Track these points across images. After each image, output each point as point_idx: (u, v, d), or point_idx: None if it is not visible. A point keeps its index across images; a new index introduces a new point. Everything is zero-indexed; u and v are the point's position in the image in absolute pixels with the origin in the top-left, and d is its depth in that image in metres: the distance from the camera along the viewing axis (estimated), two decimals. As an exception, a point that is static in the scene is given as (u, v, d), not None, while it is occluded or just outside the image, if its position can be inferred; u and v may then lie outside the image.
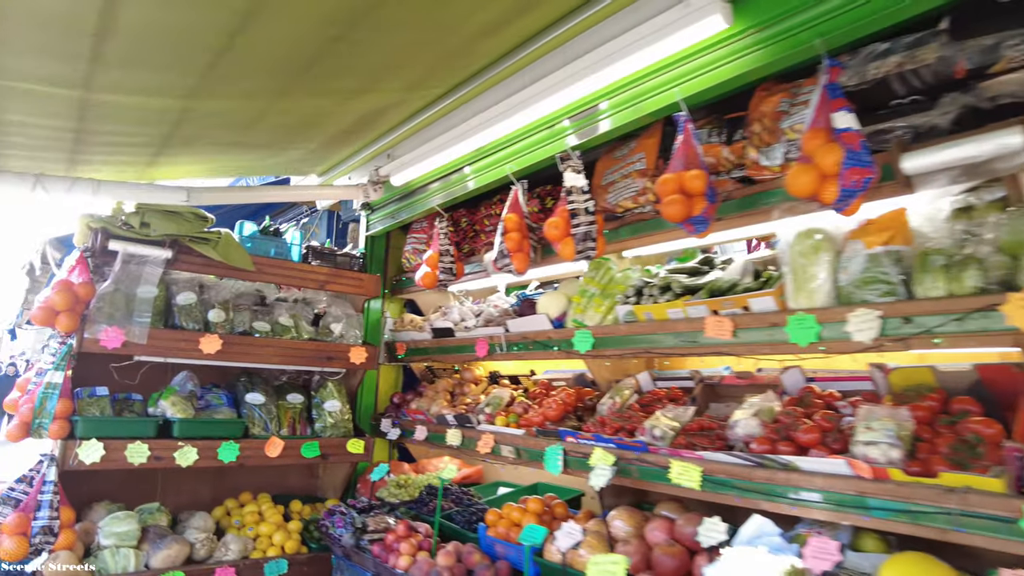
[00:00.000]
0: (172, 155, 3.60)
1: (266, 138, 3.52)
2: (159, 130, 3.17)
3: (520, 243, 3.37)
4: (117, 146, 3.31)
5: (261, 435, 3.97)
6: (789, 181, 2.22)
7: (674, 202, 2.53)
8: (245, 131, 3.30)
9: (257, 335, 4.06)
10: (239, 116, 3.10)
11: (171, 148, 3.45)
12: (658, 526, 2.78)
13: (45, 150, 3.21)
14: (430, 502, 3.99)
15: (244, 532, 3.89)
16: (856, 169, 2.09)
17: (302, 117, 3.34)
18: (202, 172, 4.06)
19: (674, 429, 2.86)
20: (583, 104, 3.14)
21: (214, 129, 3.22)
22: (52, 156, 3.32)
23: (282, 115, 3.22)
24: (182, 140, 3.29)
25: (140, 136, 3.22)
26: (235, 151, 3.69)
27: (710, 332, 2.70)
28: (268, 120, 3.29)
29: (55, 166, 3.48)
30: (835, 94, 2.18)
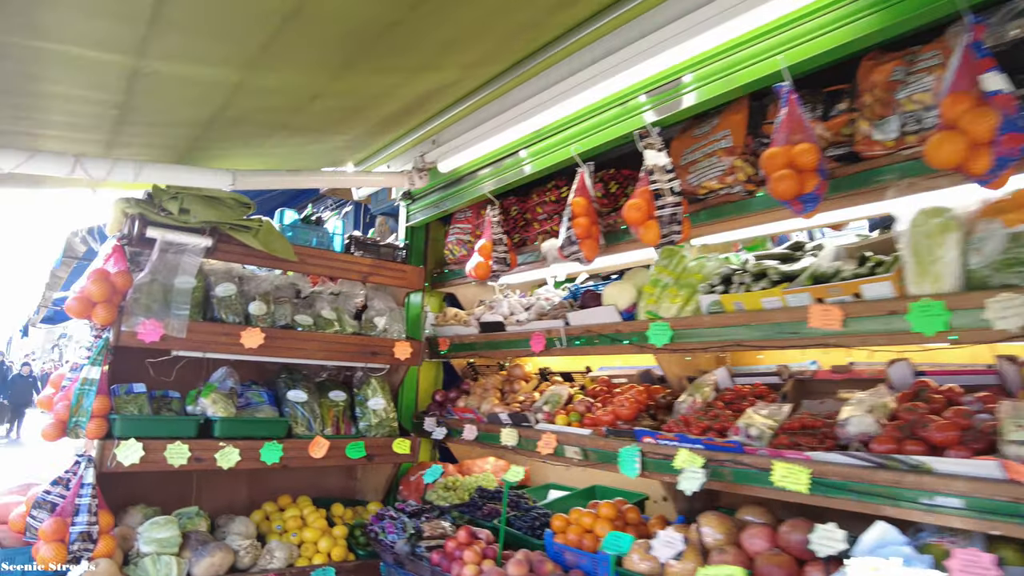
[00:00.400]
0: (212, 140, 3.37)
1: (315, 122, 3.30)
2: (205, 110, 2.95)
3: (589, 229, 3.15)
4: (158, 127, 3.08)
5: (305, 435, 3.75)
6: (930, 152, 1.99)
7: (785, 178, 2.31)
8: (295, 113, 3.08)
9: (300, 329, 3.84)
10: (293, 94, 2.88)
11: (213, 132, 3.23)
12: (757, 533, 2.56)
13: (85, 130, 2.98)
14: (483, 506, 3.77)
15: (287, 538, 3.67)
16: (1014, 135, 1.88)
17: (356, 99, 3.12)
18: (239, 160, 3.83)
19: (771, 428, 2.64)
20: (663, 77, 2.92)
21: (263, 112, 3.00)
22: (91, 138, 3.10)
23: (336, 96, 3.00)
24: (227, 122, 3.06)
25: (184, 115, 2.99)
26: (279, 136, 3.46)
27: (815, 322, 2.47)
28: (321, 102, 3.07)
29: (93, 148, 3.25)
30: (982, 54, 1.96)
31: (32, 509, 3.02)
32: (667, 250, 3.37)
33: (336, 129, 3.52)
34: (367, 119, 3.46)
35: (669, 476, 2.85)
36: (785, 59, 2.44)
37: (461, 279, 4.52)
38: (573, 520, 3.19)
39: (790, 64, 2.44)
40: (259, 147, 3.57)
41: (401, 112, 3.59)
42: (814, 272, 2.60)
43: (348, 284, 4.44)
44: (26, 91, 2.56)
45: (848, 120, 2.58)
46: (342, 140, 3.81)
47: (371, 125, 3.62)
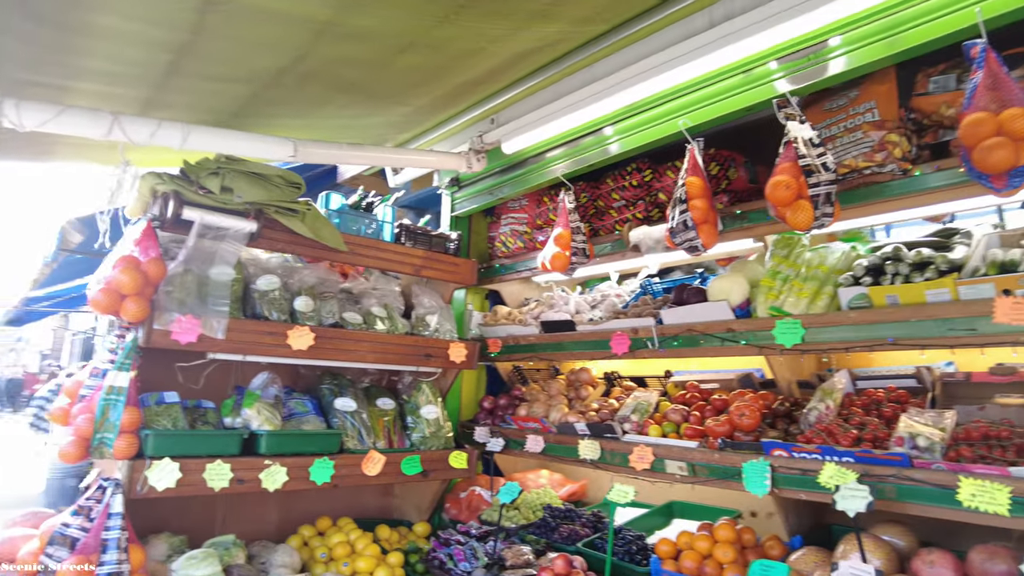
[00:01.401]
0: (264, 104, 2.91)
1: (389, 84, 2.88)
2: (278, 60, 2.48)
3: (707, 213, 2.77)
4: (213, 81, 2.59)
5: (357, 449, 3.27)
6: None
7: (998, 147, 1.97)
8: (375, 69, 2.65)
9: (350, 328, 3.36)
10: (385, 42, 2.45)
11: (272, 92, 2.76)
12: (937, 560, 2.22)
13: (126, 83, 2.48)
14: (558, 526, 3.35)
15: (338, 568, 3.18)
16: None
17: (445, 56, 2.72)
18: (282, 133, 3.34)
19: (941, 438, 2.31)
20: (803, 41, 2.57)
21: (341, 65, 2.55)
22: (130, 94, 2.60)
23: (427, 50, 2.59)
24: (295, 78, 2.61)
25: (251, 65, 2.50)
26: (338, 103, 3.02)
27: (1002, 317, 2.15)
28: (409, 56, 2.66)
29: (129, 107, 2.73)
30: None
31: (48, 545, 2.48)
32: (783, 239, 3.04)
33: (403, 98, 3.09)
34: (441, 86, 3.06)
35: (807, 493, 2.51)
36: (983, 11, 2.11)
37: (513, 274, 4.11)
38: (684, 544, 2.81)
39: (986, 18, 2.12)
40: (309, 117, 3.11)
41: (475, 82, 3.18)
42: (997, 260, 2.28)
43: (383, 279, 3.97)
44: (67, 23, 2.04)
45: (1032, 88, 2.28)
46: (400, 114, 3.38)
47: (440, 95, 3.22)
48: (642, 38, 2.97)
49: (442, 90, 3.18)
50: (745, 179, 3.29)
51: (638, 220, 3.42)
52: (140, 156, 2.96)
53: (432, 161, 3.66)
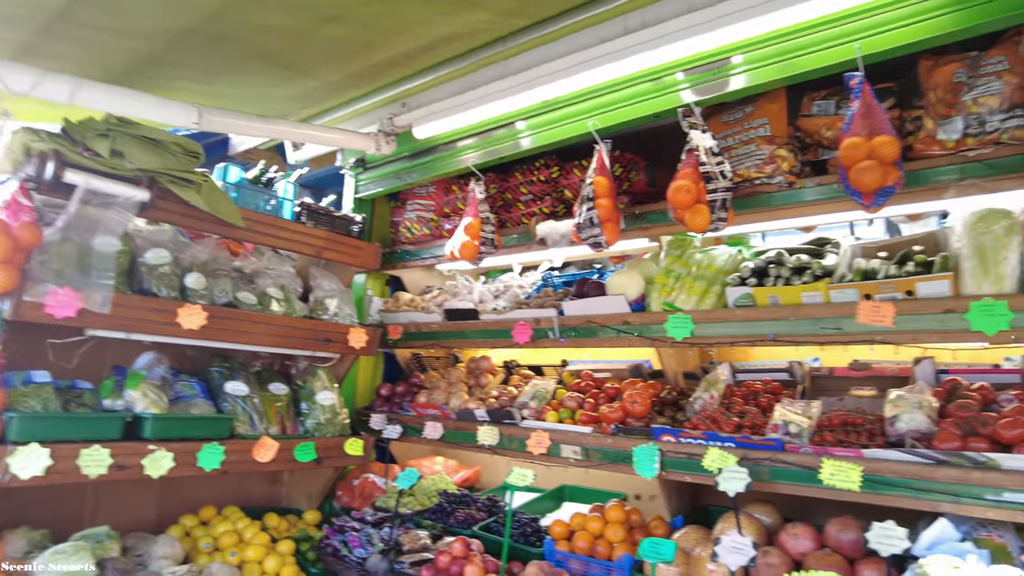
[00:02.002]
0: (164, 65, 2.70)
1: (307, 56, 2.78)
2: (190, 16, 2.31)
3: (612, 212, 2.92)
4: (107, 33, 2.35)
5: (249, 435, 3.14)
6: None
7: (870, 169, 2.24)
8: (295, 39, 2.55)
9: (245, 308, 3.21)
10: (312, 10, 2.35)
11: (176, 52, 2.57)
12: (800, 532, 2.49)
13: (6, 23, 2.20)
14: (454, 511, 3.40)
15: (224, 558, 3.04)
16: (1114, 143, 1.93)
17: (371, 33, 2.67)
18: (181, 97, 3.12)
19: (809, 425, 2.58)
20: (708, 56, 2.76)
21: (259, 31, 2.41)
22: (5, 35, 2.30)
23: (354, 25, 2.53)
24: (205, 38, 2.44)
25: (158, 21, 2.30)
26: (248, 70, 2.86)
27: (864, 318, 2.44)
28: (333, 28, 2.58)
29: (0, 51, 2.44)
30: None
31: None
32: (678, 240, 3.25)
33: (315, 71, 3.00)
34: (357, 63, 2.99)
35: (691, 476, 2.72)
36: (862, 48, 2.38)
37: (417, 261, 4.10)
38: (577, 525, 2.95)
39: (845, 58, 2.39)
40: (213, 83, 2.93)
41: (391, 63, 3.14)
42: (861, 269, 2.58)
43: (277, 259, 3.82)
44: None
45: (896, 117, 2.60)
46: (308, 88, 3.27)
47: (353, 72, 3.15)
48: (559, 38, 3.07)
49: (357, 67, 3.11)
50: (645, 182, 3.47)
51: (544, 215, 3.52)
52: (11, 108, 2.66)
53: (340, 139, 3.57)
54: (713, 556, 2.25)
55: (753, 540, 2.23)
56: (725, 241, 3.52)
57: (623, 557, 2.66)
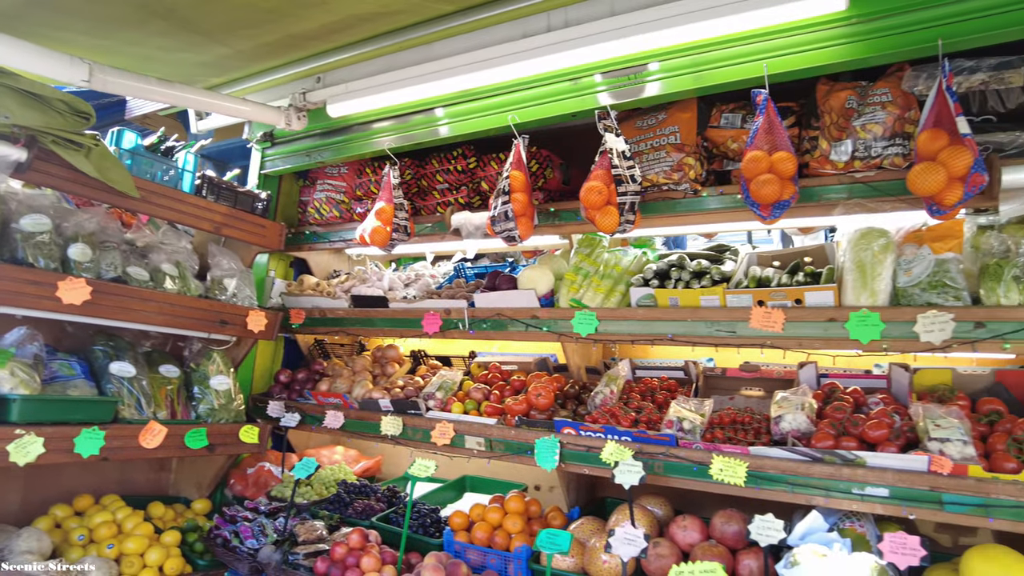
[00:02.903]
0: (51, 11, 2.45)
1: (212, 16, 2.59)
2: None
3: (526, 207, 2.94)
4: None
5: (135, 419, 2.95)
6: (915, 179, 2.18)
7: (769, 182, 2.37)
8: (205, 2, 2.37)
9: (135, 284, 3.00)
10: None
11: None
12: (689, 525, 2.62)
13: None
14: (352, 502, 3.34)
15: (100, 551, 2.85)
16: (978, 175, 2.14)
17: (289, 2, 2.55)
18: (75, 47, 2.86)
19: (701, 422, 2.72)
20: (627, 61, 2.83)
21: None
22: None
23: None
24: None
25: None
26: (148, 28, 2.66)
27: (756, 323, 2.59)
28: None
29: None
30: (953, 98, 2.20)
31: None
32: (587, 239, 3.32)
33: (226, 37, 2.83)
34: (272, 32, 2.86)
35: (589, 468, 2.80)
36: (770, 67, 2.51)
37: (325, 244, 3.97)
38: (477, 517, 2.97)
39: (754, 75, 2.53)
40: (107, 38, 2.70)
41: (308, 35, 3.02)
42: (756, 276, 2.73)
43: (173, 233, 3.60)
44: None
45: (795, 135, 2.77)
46: (218, 54, 3.09)
47: (268, 42, 3.01)
48: (483, 27, 3.05)
49: (271, 37, 2.97)
50: (559, 180, 3.53)
51: (460, 205, 3.51)
52: None
53: (248, 112, 3.39)
54: (607, 547, 2.33)
55: (645, 532, 2.33)
56: (631, 243, 3.64)
57: (520, 548, 2.71)
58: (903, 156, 2.48)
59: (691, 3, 2.55)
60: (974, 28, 2.24)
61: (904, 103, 2.50)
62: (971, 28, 2.24)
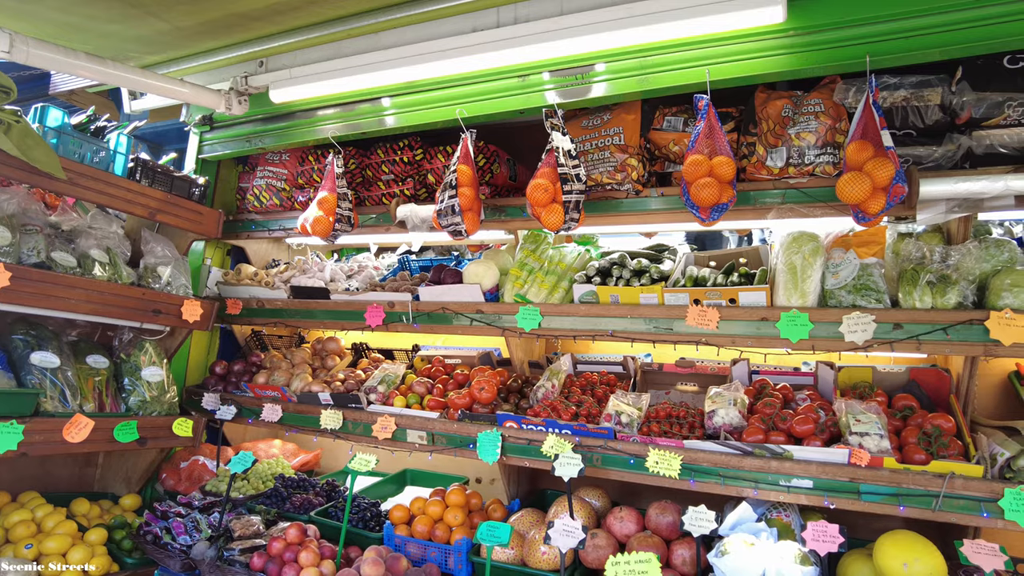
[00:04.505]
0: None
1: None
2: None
3: (473, 202, 2.95)
4: None
5: (59, 412, 2.81)
6: (843, 187, 2.30)
7: (708, 185, 2.45)
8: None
9: (60, 271, 2.86)
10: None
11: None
12: (625, 516, 2.69)
13: None
14: (291, 496, 3.29)
15: (17, 552, 2.71)
16: (899, 186, 2.27)
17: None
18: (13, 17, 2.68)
19: (638, 416, 2.80)
20: (574, 60, 2.87)
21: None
22: None
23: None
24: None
25: None
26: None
27: (692, 321, 2.68)
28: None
29: None
30: (879, 112, 2.33)
31: None
32: (532, 235, 3.35)
33: (164, 12, 2.71)
34: (214, 9, 2.76)
35: (530, 461, 2.84)
36: (712, 73, 2.59)
37: (264, 232, 3.87)
38: (417, 510, 2.97)
39: (712, 79, 2.61)
40: (30, 1, 2.54)
41: (252, 16, 2.94)
42: (693, 276, 2.83)
43: (102, 217, 3.44)
44: None
45: (734, 140, 2.87)
46: (155, 29, 2.97)
47: (209, 20, 2.91)
48: (433, 19, 3.03)
49: (214, 15, 2.87)
50: (506, 175, 3.54)
51: (406, 197, 3.48)
52: None
53: (186, 94, 3.27)
54: (546, 539, 2.37)
55: (583, 524, 2.38)
56: (575, 240, 3.70)
57: (461, 540, 2.72)
58: (833, 164, 2.61)
59: (638, 7, 2.60)
60: (899, 47, 2.37)
61: (835, 114, 2.63)
62: (896, 47, 2.37)
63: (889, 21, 2.39)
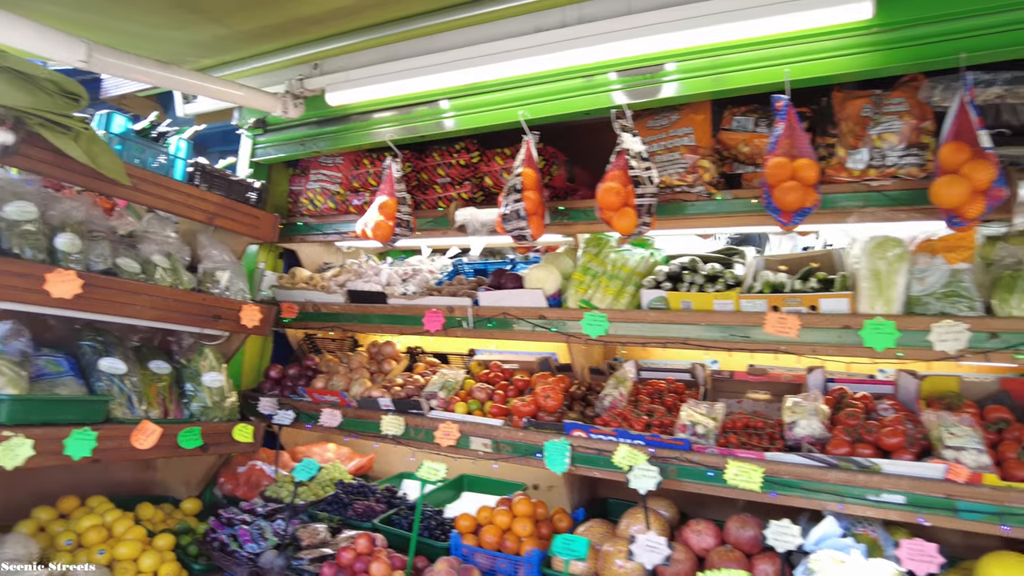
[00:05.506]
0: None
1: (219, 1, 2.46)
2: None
3: (538, 205, 2.88)
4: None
5: (127, 419, 2.81)
6: (938, 191, 2.20)
7: (794, 189, 2.36)
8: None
9: (126, 277, 2.85)
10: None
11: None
12: (703, 529, 2.62)
13: None
14: (352, 503, 3.26)
15: (91, 557, 2.71)
16: (999, 189, 2.17)
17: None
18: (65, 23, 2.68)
19: (715, 427, 2.72)
20: (643, 60, 2.78)
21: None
22: None
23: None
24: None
25: None
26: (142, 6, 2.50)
27: (770, 328, 2.59)
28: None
29: None
30: (976, 112, 2.22)
31: None
32: (594, 239, 3.27)
33: (224, 17, 2.70)
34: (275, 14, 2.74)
35: (600, 472, 2.77)
36: (792, 72, 2.49)
37: (318, 235, 3.85)
38: (485, 519, 2.92)
39: (773, 79, 2.51)
40: (99, 13, 2.54)
41: (310, 20, 2.91)
42: (769, 281, 2.73)
43: (158, 222, 3.43)
44: None
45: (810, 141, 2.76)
46: (213, 35, 2.96)
47: (268, 24, 2.87)
48: (493, 20, 2.97)
49: (275, 19, 2.85)
50: (564, 177, 3.48)
51: (463, 200, 3.43)
52: None
53: (245, 97, 3.24)
54: (629, 555, 2.31)
55: (668, 540, 2.32)
56: (630, 242, 3.61)
57: (531, 552, 2.67)
58: (919, 166, 2.50)
59: (710, 5, 2.52)
60: (994, 43, 2.26)
61: (920, 113, 2.52)
62: (991, 43, 2.26)
63: (983, 15, 2.27)
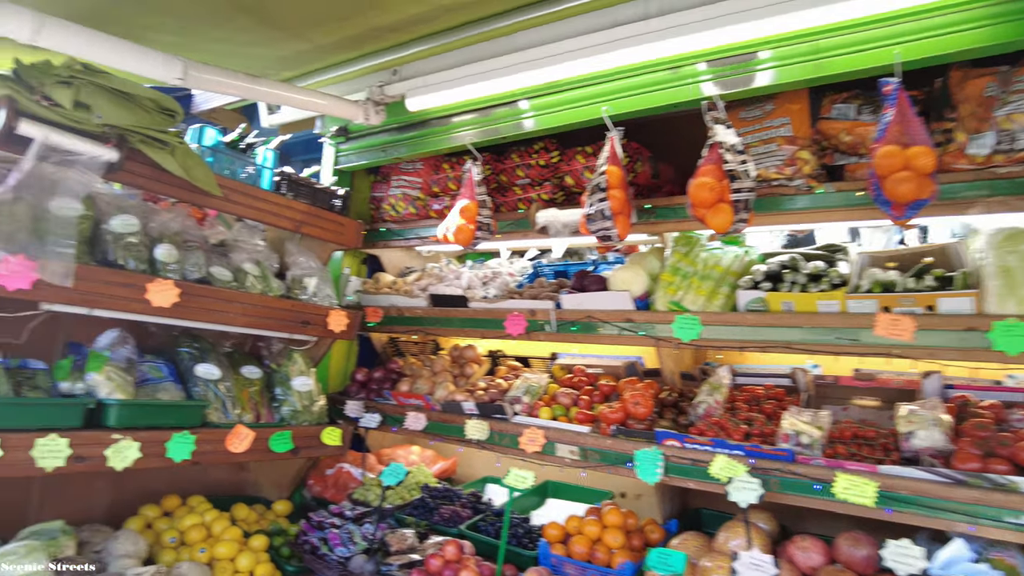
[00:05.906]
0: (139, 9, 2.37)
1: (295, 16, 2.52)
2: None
3: (624, 204, 2.78)
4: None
5: (222, 423, 2.89)
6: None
7: (907, 180, 2.16)
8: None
9: (219, 285, 2.94)
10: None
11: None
12: (810, 546, 2.45)
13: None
14: (437, 507, 3.25)
15: (193, 555, 2.81)
16: None
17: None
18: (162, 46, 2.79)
19: (820, 436, 2.53)
20: (733, 49, 2.63)
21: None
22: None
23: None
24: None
25: None
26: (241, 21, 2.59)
27: (881, 331, 2.38)
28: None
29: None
30: None
31: None
32: (683, 237, 3.14)
33: (306, 32, 2.74)
34: (354, 25, 2.77)
35: (695, 483, 2.64)
36: (903, 53, 2.29)
37: (400, 240, 3.88)
38: (574, 529, 2.84)
39: (879, 62, 2.30)
40: (193, 35, 2.63)
41: (389, 27, 2.91)
42: (879, 279, 2.53)
43: (246, 231, 3.52)
44: None
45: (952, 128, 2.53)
46: (296, 49, 3.01)
47: (349, 36, 2.89)
48: (570, 16, 2.89)
49: (355, 30, 2.87)
50: (648, 174, 3.35)
51: (543, 201, 3.36)
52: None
53: (328, 106, 3.29)
54: (732, 572, 2.17)
55: (774, 558, 2.17)
56: (721, 240, 3.44)
57: (624, 565, 2.57)
58: (1057, 149, 2.24)
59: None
60: None
61: (1056, 89, 2.27)
62: None
63: None
